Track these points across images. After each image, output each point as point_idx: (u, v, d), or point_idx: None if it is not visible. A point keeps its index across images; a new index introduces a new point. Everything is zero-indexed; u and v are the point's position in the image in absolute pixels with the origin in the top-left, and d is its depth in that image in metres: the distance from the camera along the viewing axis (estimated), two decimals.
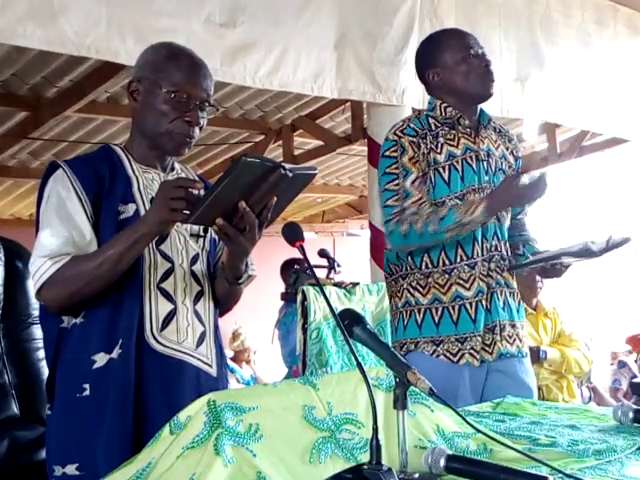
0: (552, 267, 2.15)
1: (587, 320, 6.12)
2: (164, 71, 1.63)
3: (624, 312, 6.93)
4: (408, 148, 2.12)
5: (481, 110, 2.24)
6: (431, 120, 2.18)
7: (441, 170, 2.13)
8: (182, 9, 2.88)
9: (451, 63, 2.17)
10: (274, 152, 5.82)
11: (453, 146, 2.15)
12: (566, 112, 4.36)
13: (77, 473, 1.53)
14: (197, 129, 1.65)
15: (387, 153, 2.15)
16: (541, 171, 2.13)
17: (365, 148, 4.04)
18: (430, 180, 2.13)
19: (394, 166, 2.12)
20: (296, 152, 5.88)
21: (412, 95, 3.61)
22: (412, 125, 2.16)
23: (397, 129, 2.16)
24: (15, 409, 1.93)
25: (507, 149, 2.29)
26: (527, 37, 4.12)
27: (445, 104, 2.19)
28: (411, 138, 2.13)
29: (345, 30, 3.39)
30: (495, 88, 2.21)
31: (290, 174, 1.40)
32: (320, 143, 5.76)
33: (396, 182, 2.11)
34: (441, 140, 2.15)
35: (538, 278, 3.77)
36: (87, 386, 1.54)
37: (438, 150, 2.14)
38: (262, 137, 5.80)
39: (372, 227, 3.76)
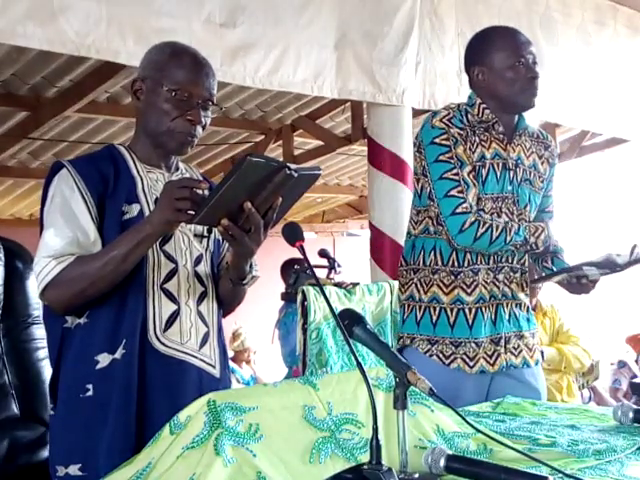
0: (579, 282, 2.08)
1: (587, 322, 6.11)
2: (166, 70, 1.63)
3: (624, 314, 6.92)
4: (460, 140, 2.05)
5: (520, 117, 2.16)
6: (470, 117, 2.11)
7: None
8: (182, 9, 2.88)
9: (499, 67, 2.09)
10: (274, 152, 5.82)
11: (485, 148, 2.09)
12: (566, 112, 4.36)
13: (80, 474, 1.52)
14: (199, 128, 1.65)
15: (437, 140, 2.05)
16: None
17: (365, 148, 4.04)
18: None
19: (448, 155, 2.03)
20: (296, 152, 5.88)
21: (412, 95, 3.61)
22: (457, 118, 2.08)
23: (444, 117, 2.07)
24: (15, 409, 1.92)
25: (540, 157, 2.21)
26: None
27: (484, 105, 2.11)
28: (459, 130, 2.06)
29: (345, 30, 3.39)
30: None
31: (295, 174, 1.40)
32: (320, 143, 5.76)
33: (455, 171, 2.02)
34: (477, 140, 2.09)
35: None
36: (90, 386, 1.54)
37: (473, 149, 2.08)
38: (262, 137, 5.80)
39: (372, 227, 3.76)
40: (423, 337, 2.11)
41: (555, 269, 2.20)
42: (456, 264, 2.09)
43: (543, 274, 2.25)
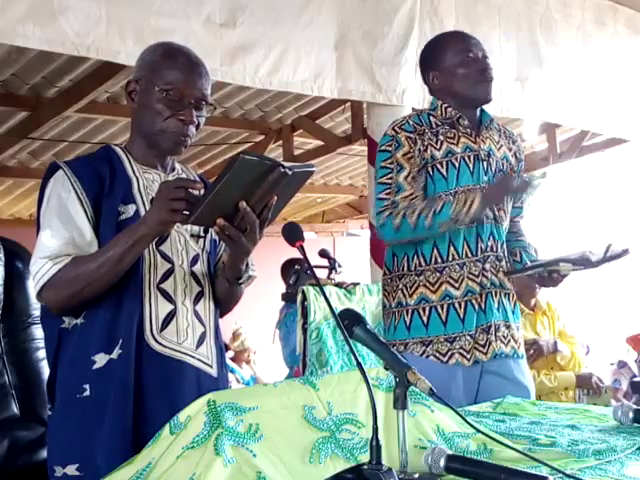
0: (549, 276, 2.14)
1: (587, 322, 6.11)
2: (159, 70, 1.63)
3: (624, 314, 6.92)
4: (404, 143, 2.13)
5: (482, 111, 2.25)
6: (432, 118, 2.20)
7: (439, 166, 2.14)
8: (182, 9, 2.88)
9: (449, 66, 2.18)
10: (274, 152, 5.82)
11: (453, 144, 2.16)
12: (566, 112, 4.36)
13: (77, 474, 1.52)
14: (192, 128, 1.64)
15: (383, 147, 2.17)
16: (540, 172, 2.15)
17: (365, 148, 4.04)
18: (429, 176, 2.14)
19: (389, 160, 2.14)
20: (296, 152, 5.89)
21: (412, 95, 3.61)
22: (411, 122, 2.17)
23: (396, 125, 2.18)
24: (15, 409, 1.92)
25: (510, 150, 2.29)
26: (527, 37, 4.12)
27: (446, 104, 2.21)
28: (408, 134, 2.14)
29: (345, 30, 3.39)
30: (495, 88, 2.22)
31: (290, 172, 1.40)
32: (320, 143, 5.76)
33: (389, 176, 2.13)
34: (441, 137, 2.16)
35: None
36: (87, 387, 1.54)
37: (437, 147, 2.15)
38: (262, 137, 5.80)
39: (372, 227, 3.76)
40: (416, 340, 2.13)
41: (529, 262, 2.25)
42: (439, 260, 2.13)
43: (517, 267, 2.28)
